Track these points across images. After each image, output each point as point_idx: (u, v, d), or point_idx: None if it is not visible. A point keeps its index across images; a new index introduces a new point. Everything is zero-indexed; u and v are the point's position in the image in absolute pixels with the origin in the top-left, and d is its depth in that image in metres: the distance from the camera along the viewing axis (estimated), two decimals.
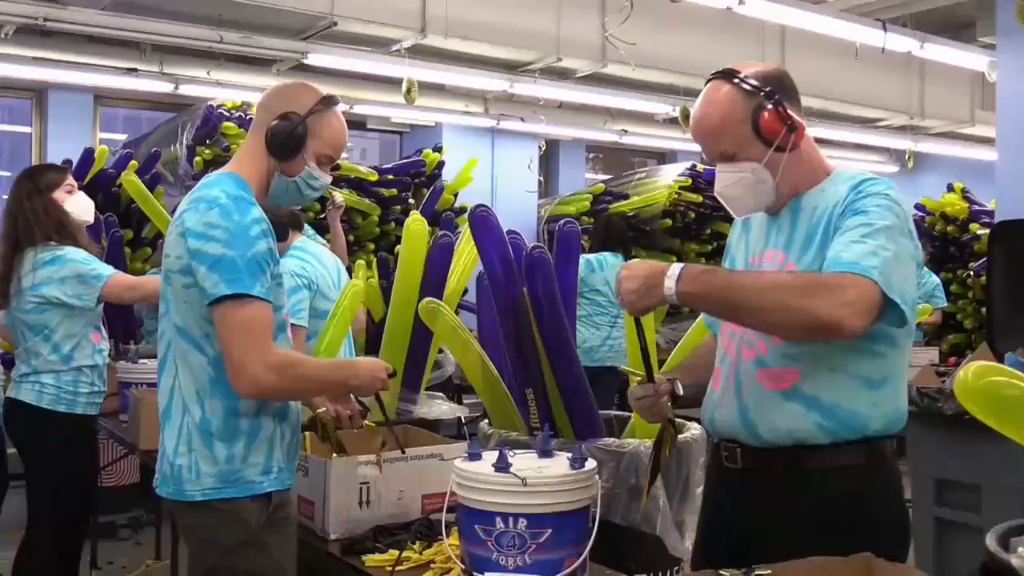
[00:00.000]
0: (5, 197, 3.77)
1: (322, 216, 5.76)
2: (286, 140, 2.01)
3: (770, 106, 1.82)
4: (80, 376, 3.34)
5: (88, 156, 5.83)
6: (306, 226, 4.37)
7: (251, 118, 2.85)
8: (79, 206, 3.51)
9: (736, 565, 1.58)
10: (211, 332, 1.90)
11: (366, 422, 2.31)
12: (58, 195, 3.43)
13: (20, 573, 3.38)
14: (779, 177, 1.82)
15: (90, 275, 3.30)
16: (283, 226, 3.74)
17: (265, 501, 1.96)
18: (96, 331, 3.43)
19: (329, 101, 2.06)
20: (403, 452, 2.29)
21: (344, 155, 10.03)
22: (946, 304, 7.45)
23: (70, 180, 3.54)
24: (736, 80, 1.85)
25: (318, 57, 6.30)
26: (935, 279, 7.38)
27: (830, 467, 1.77)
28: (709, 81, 1.91)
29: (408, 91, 6.33)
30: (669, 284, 1.68)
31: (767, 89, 1.83)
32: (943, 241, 8.01)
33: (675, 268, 1.70)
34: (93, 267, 3.32)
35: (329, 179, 2.12)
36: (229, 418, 1.93)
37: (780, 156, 1.82)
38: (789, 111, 1.84)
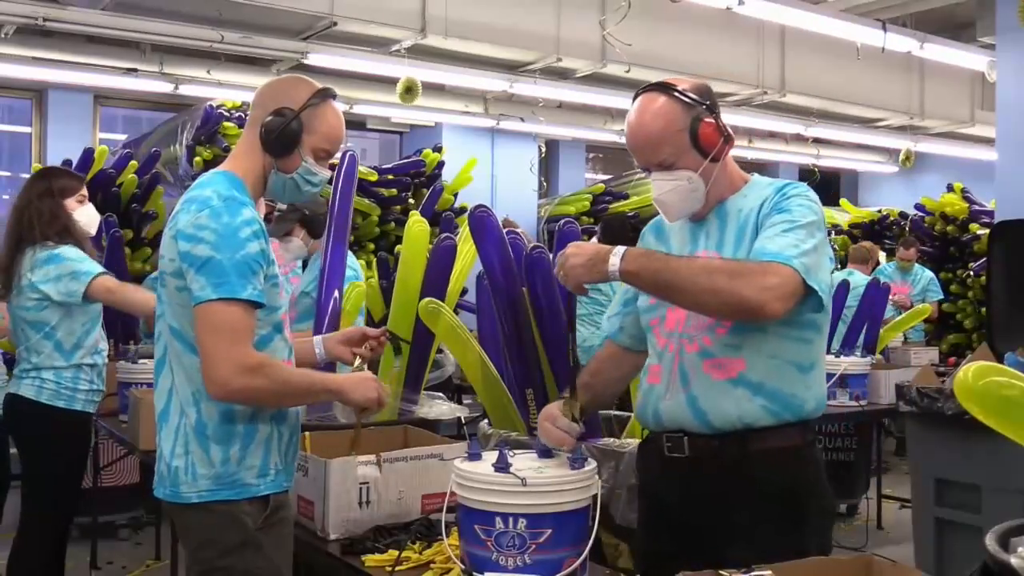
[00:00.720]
0: (5, 197, 3.79)
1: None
2: (281, 136, 1.96)
3: (708, 118, 1.92)
4: (80, 373, 3.38)
5: (88, 156, 5.84)
6: None
7: None
8: (86, 217, 3.54)
9: (685, 554, 1.71)
10: None
11: None
12: (69, 202, 3.47)
13: (16, 571, 3.39)
14: (709, 185, 1.93)
15: (80, 271, 3.32)
16: (320, 223, 3.76)
17: (263, 503, 1.95)
18: (96, 331, 3.48)
19: (324, 94, 2.01)
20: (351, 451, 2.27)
21: None
22: (942, 296, 7.47)
23: (84, 191, 3.58)
24: (674, 93, 1.93)
25: (318, 57, 6.31)
26: (929, 274, 7.40)
27: (772, 448, 1.89)
28: (640, 95, 1.98)
29: (408, 90, 6.32)
30: (614, 261, 1.79)
31: (706, 103, 1.94)
32: (943, 241, 8.02)
33: (620, 248, 1.82)
34: (84, 265, 3.33)
35: (328, 174, 2.08)
36: (224, 421, 1.91)
37: (713, 166, 1.92)
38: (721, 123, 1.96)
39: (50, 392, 3.33)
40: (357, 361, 2.24)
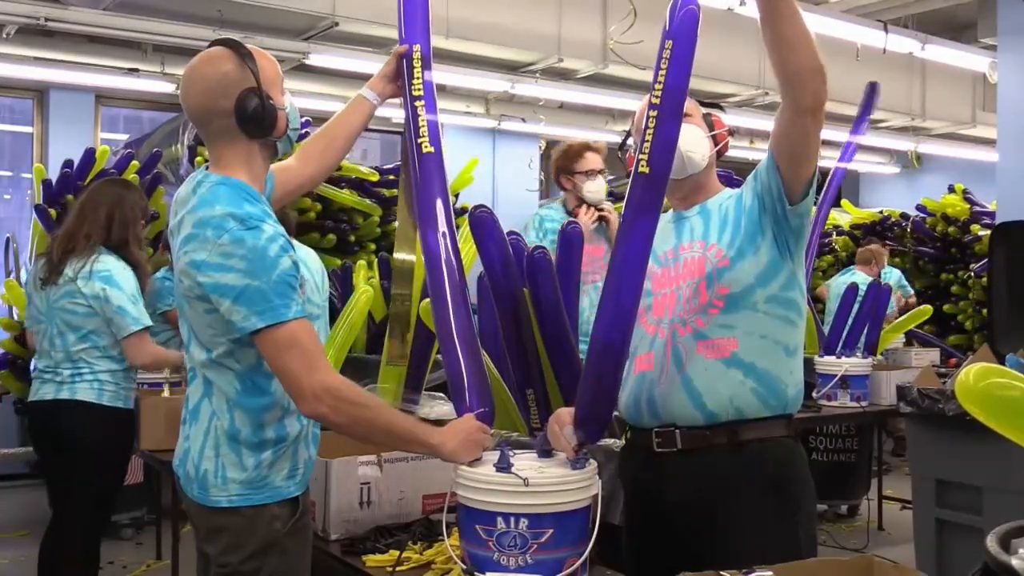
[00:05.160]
0: (7, 197, 3.86)
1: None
2: (266, 112, 1.85)
3: (718, 113, 2.19)
4: (129, 372, 3.46)
5: (89, 156, 5.83)
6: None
7: None
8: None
9: (678, 551, 1.79)
10: (235, 351, 1.84)
11: None
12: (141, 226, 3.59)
13: (50, 570, 3.44)
14: (705, 169, 2.13)
15: (118, 320, 3.33)
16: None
17: (292, 505, 1.92)
18: None
19: (242, 51, 1.88)
20: None
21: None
22: (912, 292, 7.45)
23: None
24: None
25: (319, 57, 6.31)
26: (897, 272, 7.38)
27: (761, 438, 1.96)
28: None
29: None
30: None
31: (715, 104, 2.21)
32: (944, 242, 8.01)
33: None
34: (127, 315, 3.33)
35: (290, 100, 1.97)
36: (257, 429, 1.87)
37: (713, 159, 2.16)
38: None
39: (110, 394, 3.37)
40: None
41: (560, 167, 4.33)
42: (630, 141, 2.24)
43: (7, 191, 8.90)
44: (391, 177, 6.85)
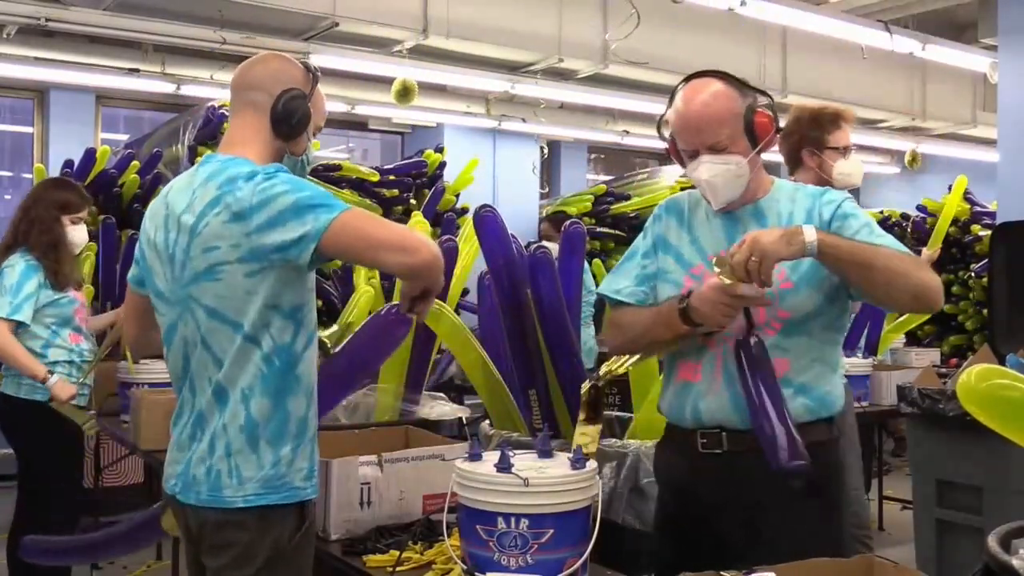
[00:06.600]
0: (7, 197, 4.05)
1: None
2: (300, 120, 1.92)
3: (762, 107, 1.95)
4: (56, 367, 3.58)
5: (90, 156, 5.84)
6: None
7: None
8: (73, 236, 3.73)
9: (711, 551, 1.72)
10: (272, 322, 1.80)
11: None
12: (65, 219, 3.68)
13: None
14: (752, 175, 1.96)
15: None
16: None
17: (300, 513, 1.87)
18: (74, 333, 3.69)
19: (316, 72, 2.00)
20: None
21: (345, 156, 10.04)
22: None
23: (84, 213, 3.77)
24: (731, 78, 1.97)
25: (320, 58, 6.30)
26: None
27: (808, 442, 1.86)
28: (692, 79, 1.99)
29: (405, 92, 6.32)
30: (809, 234, 1.77)
31: (760, 90, 1.98)
32: (944, 242, 8.00)
33: (807, 225, 1.82)
34: (5, 299, 3.50)
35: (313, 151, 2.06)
36: (278, 418, 1.82)
37: (758, 158, 1.96)
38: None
39: (27, 387, 3.55)
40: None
41: (805, 137, 3.18)
42: (670, 112, 2.02)
43: (7, 191, 8.90)
44: (391, 178, 6.85)
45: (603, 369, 2.06)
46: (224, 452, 1.82)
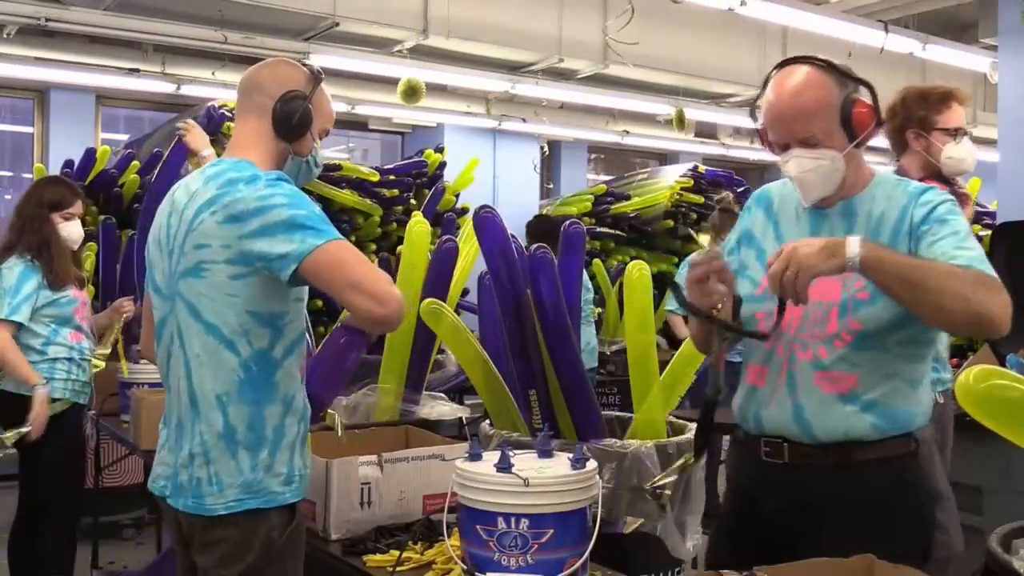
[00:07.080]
0: (8, 197, 4.05)
1: None
2: (300, 121, 1.95)
3: (862, 98, 1.81)
4: (56, 364, 3.58)
5: (90, 156, 5.83)
6: None
7: None
8: (67, 233, 3.69)
9: (765, 555, 1.61)
10: (251, 328, 1.82)
11: None
12: (55, 216, 3.65)
13: None
14: (846, 171, 1.82)
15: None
16: None
17: (288, 513, 1.88)
18: (75, 331, 3.67)
19: (319, 75, 2.02)
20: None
21: (345, 156, 10.01)
22: None
23: (76, 207, 3.73)
24: (829, 65, 1.82)
25: (320, 58, 6.30)
26: None
27: (878, 458, 1.79)
28: (786, 64, 1.85)
29: (412, 92, 6.32)
30: (852, 248, 1.63)
31: (860, 79, 1.82)
32: None
33: (853, 237, 1.66)
34: (4, 301, 3.50)
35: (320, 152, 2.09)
36: (255, 424, 1.83)
37: (856, 151, 1.82)
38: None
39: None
40: None
41: (911, 117, 2.89)
42: (762, 99, 1.88)
43: (7, 191, 8.90)
44: (391, 178, 6.85)
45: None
46: (203, 460, 1.84)
